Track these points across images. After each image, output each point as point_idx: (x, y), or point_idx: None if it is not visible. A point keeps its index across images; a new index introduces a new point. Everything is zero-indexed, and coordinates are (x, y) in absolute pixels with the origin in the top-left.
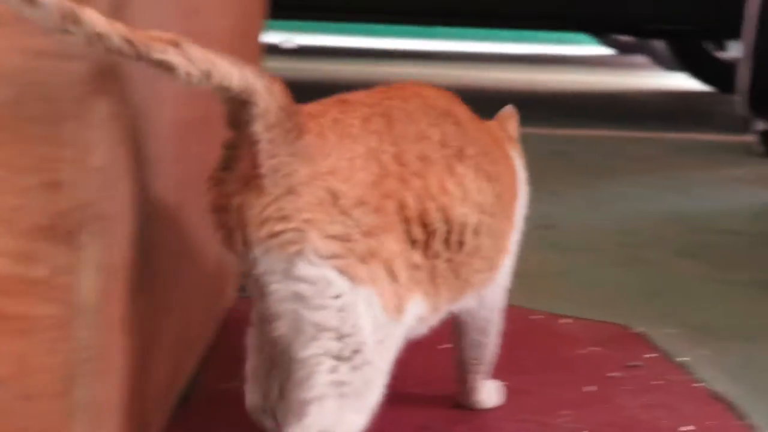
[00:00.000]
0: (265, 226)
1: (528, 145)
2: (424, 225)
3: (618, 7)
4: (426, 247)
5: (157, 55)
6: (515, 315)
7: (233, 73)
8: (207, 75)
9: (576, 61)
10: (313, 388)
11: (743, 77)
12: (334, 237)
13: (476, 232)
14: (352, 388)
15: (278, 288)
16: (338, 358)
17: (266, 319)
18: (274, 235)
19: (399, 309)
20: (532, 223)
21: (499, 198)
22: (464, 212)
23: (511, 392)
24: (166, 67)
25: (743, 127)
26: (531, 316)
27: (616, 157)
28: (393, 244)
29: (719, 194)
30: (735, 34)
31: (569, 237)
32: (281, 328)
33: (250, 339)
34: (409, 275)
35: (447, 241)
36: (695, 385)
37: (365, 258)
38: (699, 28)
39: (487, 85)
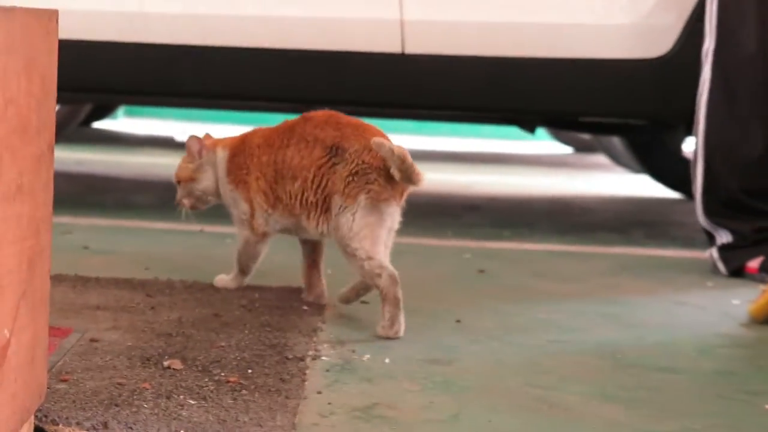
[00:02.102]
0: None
1: (444, 261)
2: None
3: (548, 97)
4: None
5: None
6: None
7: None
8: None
9: (524, 160)
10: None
11: (697, 179)
12: None
13: None
14: None
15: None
16: None
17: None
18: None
19: None
20: (421, 357)
21: None
22: None
23: None
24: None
25: (709, 240)
26: None
27: (545, 277)
28: None
29: (663, 324)
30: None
31: (466, 375)
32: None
33: None
34: None
35: None
36: None
37: None
38: (651, 122)
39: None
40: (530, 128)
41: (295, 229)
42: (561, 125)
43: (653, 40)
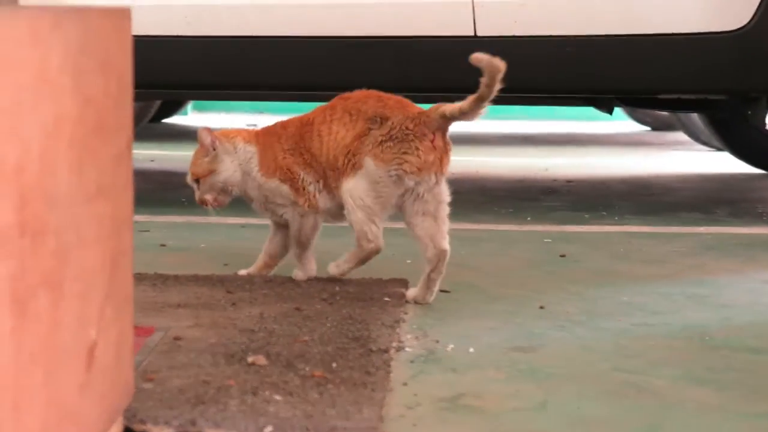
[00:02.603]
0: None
1: (524, 247)
2: None
3: (626, 76)
4: None
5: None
6: None
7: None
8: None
9: (600, 140)
10: None
11: None
12: None
13: None
14: None
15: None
16: None
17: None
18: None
19: None
20: (506, 345)
21: None
22: None
23: None
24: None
25: None
26: None
27: (629, 259)
28: None
29: (751, 304)
30: None
31: (552, 361)
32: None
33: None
34: None
35: None
36: None
37: None
38: (731, 97)
39: (486, 174)
40: (608, 109)
41: (335, 212)
42: (639, 104)
43: (731, 12)
